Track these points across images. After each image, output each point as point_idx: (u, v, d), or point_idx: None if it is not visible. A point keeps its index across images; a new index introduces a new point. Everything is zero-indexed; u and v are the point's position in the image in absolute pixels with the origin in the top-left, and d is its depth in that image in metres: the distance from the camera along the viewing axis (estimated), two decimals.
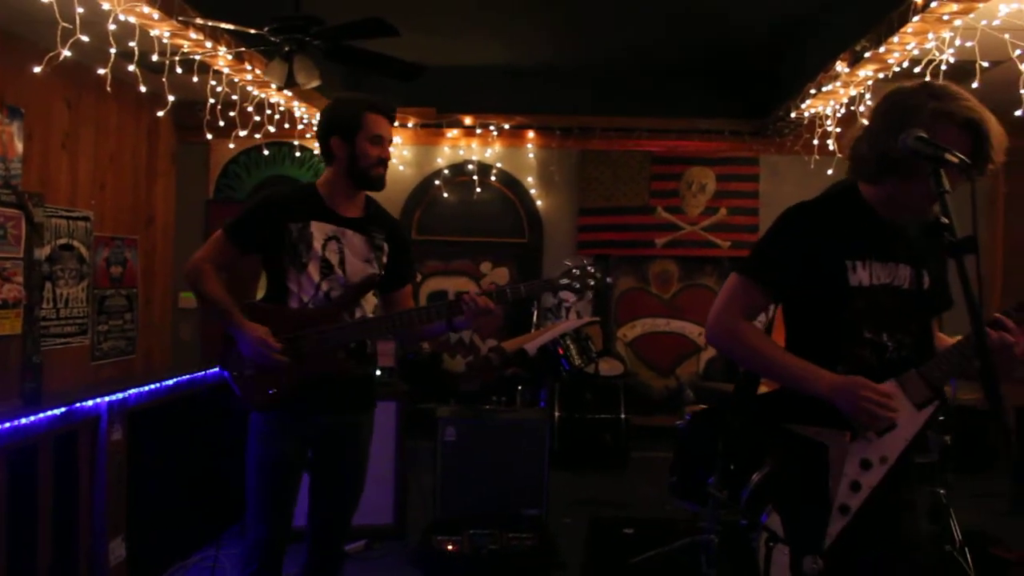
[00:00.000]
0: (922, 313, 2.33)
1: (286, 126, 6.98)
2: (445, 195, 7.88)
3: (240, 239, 2.99)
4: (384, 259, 3.09)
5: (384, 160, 3.02)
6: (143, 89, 4.99)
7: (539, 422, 5.04)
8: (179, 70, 5.14)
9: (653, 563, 4.61)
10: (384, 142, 3.02)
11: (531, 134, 7.71)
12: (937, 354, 2.27)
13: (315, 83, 4.85)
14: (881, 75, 5.36)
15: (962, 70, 4.84)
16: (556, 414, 6.82)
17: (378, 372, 5.01)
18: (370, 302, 3.11)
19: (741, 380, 2.51)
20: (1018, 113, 4.75)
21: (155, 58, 4.88)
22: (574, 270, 3.05)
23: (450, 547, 4.51)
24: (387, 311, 3.20)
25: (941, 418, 4.56)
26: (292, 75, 4.75)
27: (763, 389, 3.02)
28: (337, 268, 2.98)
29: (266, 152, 7.62)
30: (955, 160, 1.95)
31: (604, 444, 6.78)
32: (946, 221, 1.90)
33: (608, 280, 7.51)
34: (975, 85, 4.93)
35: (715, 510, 4.53)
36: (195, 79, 5.49)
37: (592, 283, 3.07)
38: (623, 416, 6.80)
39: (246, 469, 3.01)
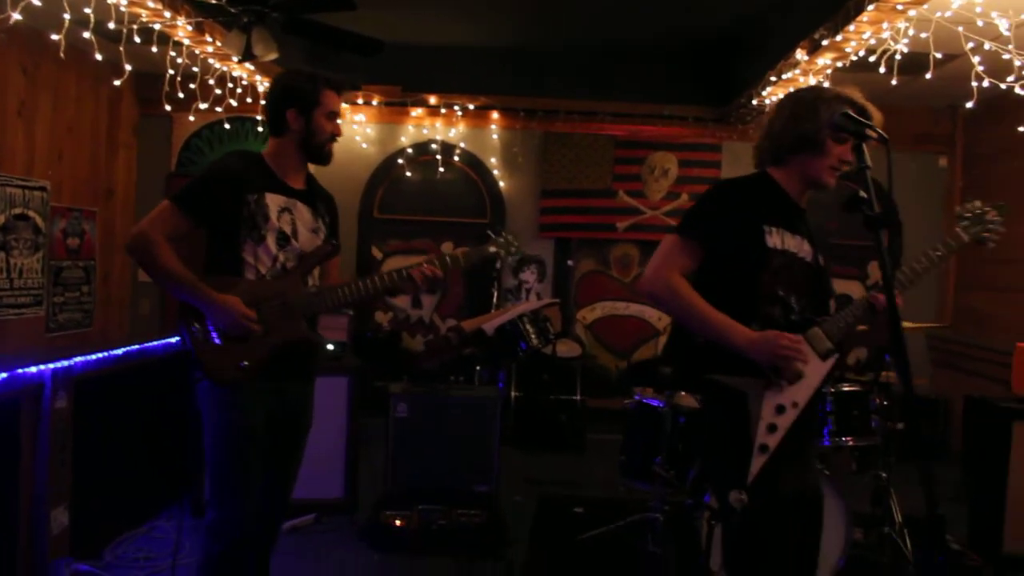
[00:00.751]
0: (820, 286, 2.66)
1: (248, 100, 6.93)
2: (408, 174, 7.86)
3: (195, 210, 2.90)
4: (325, 230, 3.12)
5: (336, 136, 3.05)
6: (99, 57, 4.95)
7: (490, 400, 5.06)
8: (137, 40, 5.08)
9: (600, 541, 4.66)
10: (336, 118, 3.05)
11: (495, 115, 7.71)
12: (835, 314, 2.62)
13: (273, 55, 4.83)
14: (839, 64, 5.41)
15: (916, 62, 4.91)
16: (513, 394, 6.85)
17: (330, 346, 5.06)
18: (314, 273, 3.11)
19: (673, 333, 2.71)
20: (969, 105, 4.81)
21: (112, 26, 4.83)
22: (500, 239, 3.29)
23: (399, 522, 4.54)
24: (321, 282, 3.21)
25: (886, 403, 4.64)
26: (250, 47, 4.72)
27: None
28: (292, 239, 2.98)
29: (227, 126, 7.57)
30: (874, 135, 2.14)
31: (560, 425, 6.82)
32: (864, 195, 2.03)
33: (569, 263, 7.60)
34: (928, 76, 5.01)
35: (662, 490, 4.59)
36: (155, 49, 5.43)
37: (514, 250, 3.31)
38: (579, 398, 6.84)
39: (207, 443, 2.95)
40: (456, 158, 7.85)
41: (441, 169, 7.82)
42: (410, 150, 7.85)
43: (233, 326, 2.82)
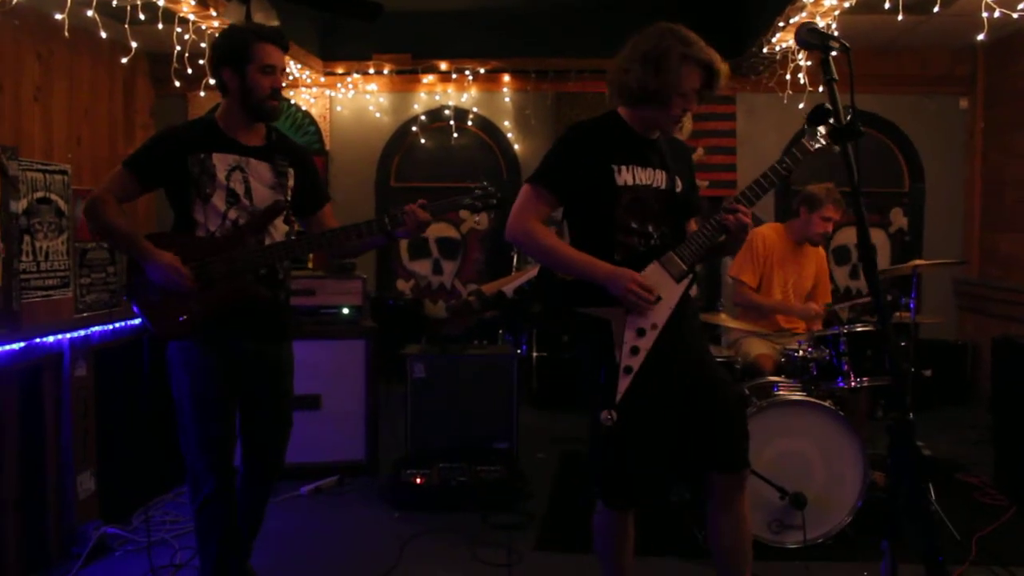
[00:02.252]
0: (677, 211, 2.89)
1: None
2: (423, 141, 7.88)
3: (143, 173, 3.01)
4: (290, 184, 3.13)
5: (277, 90, 3.01)
6: (104, 35, 4.99)
7: (506, 357, 5.10)
8: (142, 17, 5.14)
9: None
10: (276, 71, 3.01)
11: (506, 78, 7.69)
12: (687, 237, 2.82)
13: (273, 23, 4.85)
14: (847, 4, 5.32)
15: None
16: (534, 355, 6.88)
17: (345, 310, 5.11)
18: (280, 229, 3.14)
19: (540, 273, 2.93)
20: (981, 38, 4.73)
21: (115, 3, 4.88)
22: (477, 190, 3.27)
23: (419, 480, 4.59)
24: (309, 233, 3.28)
25: (903, 344, 4.61)
26: (250, 16, 4.75)
27: None
28: (243, 197, 3.01)
29: None
30: (837, 46, 2.09)
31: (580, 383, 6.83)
32: (830, 107, 2.04)
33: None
34: (936, 10, 4.93)
35: None
36: (160, 27, 5.48)
37: (493, 201, 3.28)
38: None
39: (176, 402, 3.08)
40: (470, 123, 7.85)
41: (455, 135, 7.82)
42: (423, 117, 7.86)
43: (166, 281, 2.89)
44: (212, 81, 3.08)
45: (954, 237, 7.61)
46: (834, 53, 2.03)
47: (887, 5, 4.71)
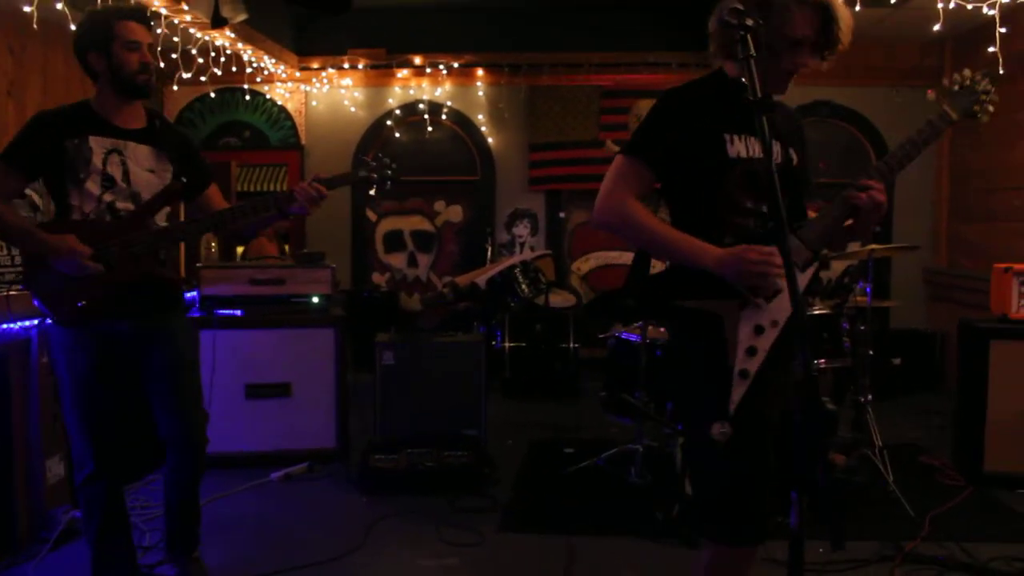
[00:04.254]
0: (793, 188, 2.40)
1: (234, 70, 7.02)
2: (397, 135, 7.95)
3: (21, 164, 2.97)
4: (172, 168, 3.13)
5: (146, 65, 2.98)
6: (73, 28, 5.01)
7: (474, 345, 5.17)
8: None
9: (584, 475, 4.77)
10: (142, 47, 2.97)
11: (480, 72, 7.76)
12: (810, 219, 2.40)
13: (242, 17, 4.91)
14: None
15: None
16: (507, 345, 6.94)
17: (315, 299, 5.16)
18: (161, 212, 3.13)
19: (635, 262, 2.56)
20: (937, 28, 4.82)
21: None
22: (372, 163, 3.25)
23: (387, 465, 4.65)
24: (196, 215, 3.26)
25: (862, 327, 4.70)
26: (218, 10, 4.79)
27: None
28: (120, 180, 3.00)
29: (212, 95, 7.67)
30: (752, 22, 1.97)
31: (553, 373, 6.91)
32: (745, 81, 1.96)
33: (561, 215, 7.64)
34: (892, 2, 5.01)
35: (641, 422, 4.69)
36: None
37: (389, 172, 3.25)
38: (573, 346, 6.92)
39: (58, 383, 3.10)
40: (444, 117, 7.91)
41: (430, 129, 7.89)
42: (398, 111, 7.92)
43: (70, 264, 2.88)
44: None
45: (923, 227, 7.72)
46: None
47: None
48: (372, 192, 3.31)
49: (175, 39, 6.08)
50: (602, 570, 3.69)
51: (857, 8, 4.81)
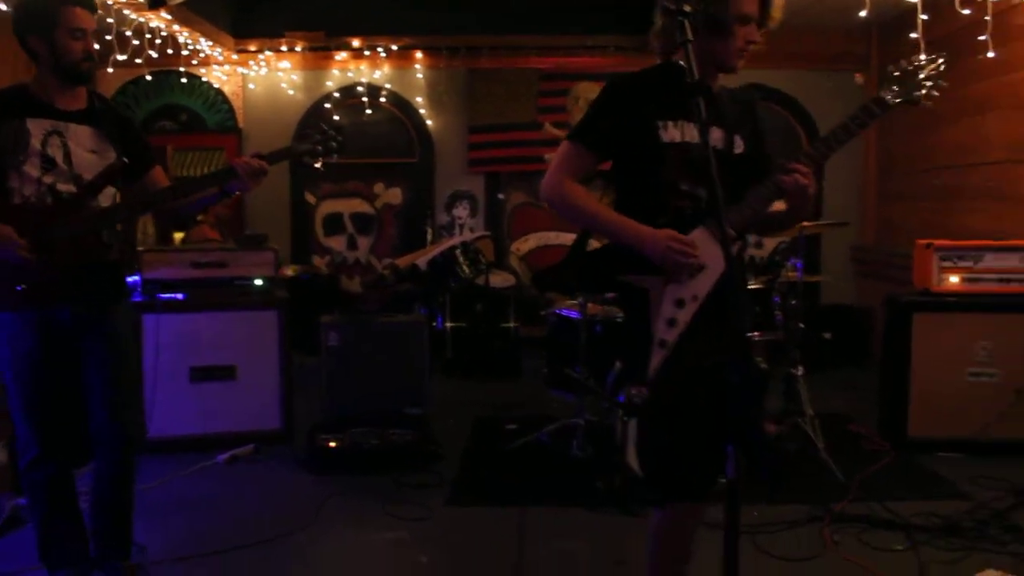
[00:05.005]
0: (735, 174, 2.51)
1: (169, 52, 6.94)
2: (336, 118, 7.92)
3: None
4: (115, 149, 3.09)
5: (89, 53, 2.94)
6: (4, 8, 4.94)
7: (417, 324, 5.24)
8: None
9: (527, 450, 4.88)
10: (87, 35, 2.93)
11: (419, 54, 7.78)
12: (740, 201, 2.48)
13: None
14: None
15: None
16: (448, 325, 7.02)
17: (258, 281, 5.17)
18: (107, 193, 3.10)
19: (577, 239, 2.72)
20: (863, 14, 4.98)
21: None
22: (317, 135, 3.25)
23: (332, 444, 4.70)
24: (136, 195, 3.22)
25: (793, 302, 4.87)
26: None
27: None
28: (61, 162, 2.96)
29: (148, 78, 7.57)
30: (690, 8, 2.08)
31: (494, 352, 7.00)
32: (683, 64, 2.06)
33: (500, 196, 7.68)
34: None
35: (582, 396, 4.81)
36: None
37: (335, 145, 3.25)
38: (513, 325, 7.02)
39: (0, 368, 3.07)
40: (383, 99, 7.91)
41: (368, 111, 7.89)
42: (337, 94, 7.91)
43: (5, 253, 2.85)
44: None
45: (851, 206, 7.97)
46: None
47: None
48: (318, 165, 3.29)
49: (109, 20, 6.00)
50: (548, 539, 3.81)
51: None
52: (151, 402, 4.71)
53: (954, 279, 4.91)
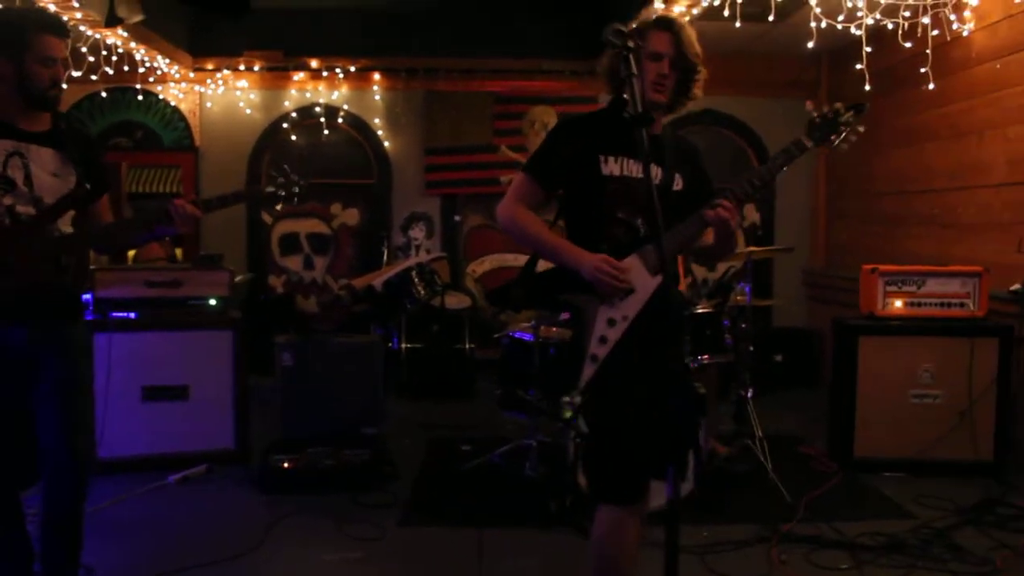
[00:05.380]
0: (671, 208, 2.67)
1: (126, 69, 6.91)
2: (293, 138, 7.94)
3: None
4: (76, 172, 3.05)
5: (57, 81, 2.91)
6: None
7: (372, 345, 5.27)
8: None
9: (481, 471, 4.90)
10: (57, 64, 2.90)
11: (377, 76, 7.82)
12: (669, 231, 2.67)
13: (138, 18, 4.88)
14: (695, 11, 5.68)
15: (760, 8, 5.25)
16: (404, 346, 7.04)
17: (212, 301, 5.16)
18: (66, 217, 3.05)
19: (528, 261, 2.91)
20: (810, 45, 5.12)
21: None
22: (279, 179, 3.26)
23: (287, 464, 4.69)
24: (86, 223, 3.15)
25: (743, 325, 4.97)
26: (113, 8, 4.76)
27: None
28: (22, 184, 2.92)
29: (104, 94, 7.53)
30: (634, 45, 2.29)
31: (449, 374, 7.03)
32: (627, 97, 2.18)
33: (456, 218, 7.72)
34: (771, 19, 5.34)
35: (535, 417, 4.86)
36: None
37: (296, 190, 3.27)
38: (468, 347, 7.06)
39: None
40: (340, 120, 7.94)
41: (326, 132, 7.90)
42: (294, 114, 7.92)
43: None
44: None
45: (803, 230, 8.15)
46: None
47: (726, 13, 5.05)
48: (279, 207, 3.29)
49: None
50: (501, 559, 3.83)
51: (737, 24, 5.08)
52: (103, 422, 4.66)
53: (898, 303, 5.05)
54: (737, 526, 4.10)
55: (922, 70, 5.29)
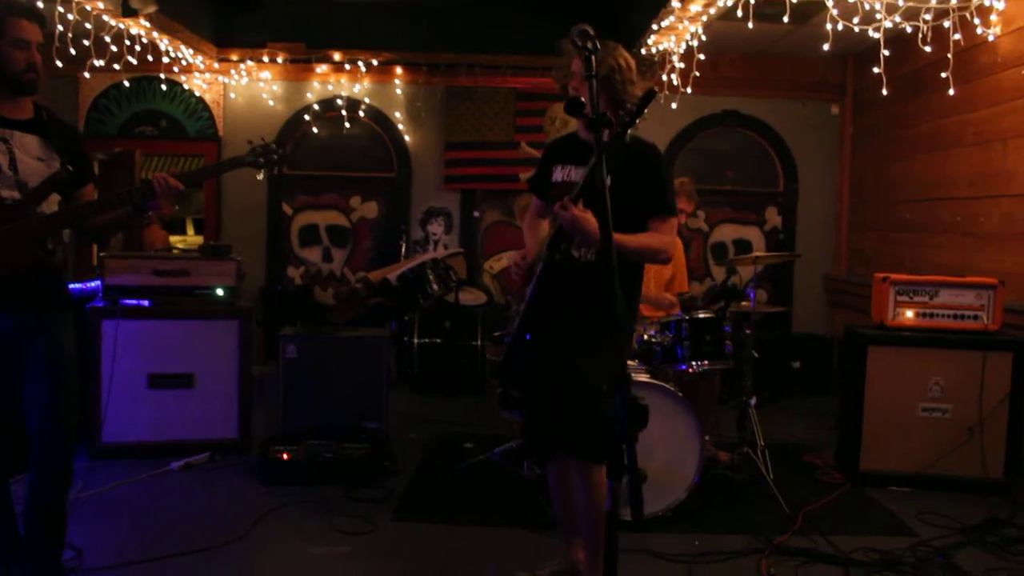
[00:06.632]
0: (596, 208, 2.89)
1: (150, 58, 6.98)
2: (315, 130, 7.97)
3: None
4: (60, 158, 3.11)
5: (33, 65, 3.00)
6: None
7: (377, 339, 5.27)
8: None
9: (479, 469, 4.89)
10: (31, 46, 2.99)
11: (399, 70, 7.81)
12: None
13: (151, 8, 4.93)
14: (712, 10, 5.60)
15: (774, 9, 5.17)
16: (416, 341, 7.04)
17: (219, 291, 5.19)
18: (51, 200, 3.12)
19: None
20: (826, 47, 5.04)
21: None
22: (257, 147, 3.30)
23: (286, 456, 4.72)
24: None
25: (748, 331, 4.90)
26: (127, 1, 4.80)
27: None
28: (7, 169, 2.99)
29: (127, 84, 7.60)
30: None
31: (460, 370, 7.02)
32: (583, 100, 2.26)
33: (475, 214, 7.71)
34: (785, 19, 5.26)
35: None
36: (40, 4, 5.45)
37: (275, 157, 3.29)
38: (480, 343, 7.04)
39: None
40: (362, 113, 7.94)
41: (347, 125, 7.91)
42: (316, 106, 7.94)
43: None
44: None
45: (825, 236, 8.04)
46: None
47: (739, 14, 4.98)
48: (260, 176, 3.35)
49: (87, 25, 6.03)
50: (488, 559, 3.83)
51: (750, 25, 5.01)
52: (107, 407, 4.73)
53: (909, 313, 4.95)
54: (731, 536, 4.05)
55: (943, 75, 5.17)
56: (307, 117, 7.93)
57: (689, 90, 6.64)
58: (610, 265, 2.05)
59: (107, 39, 6.35)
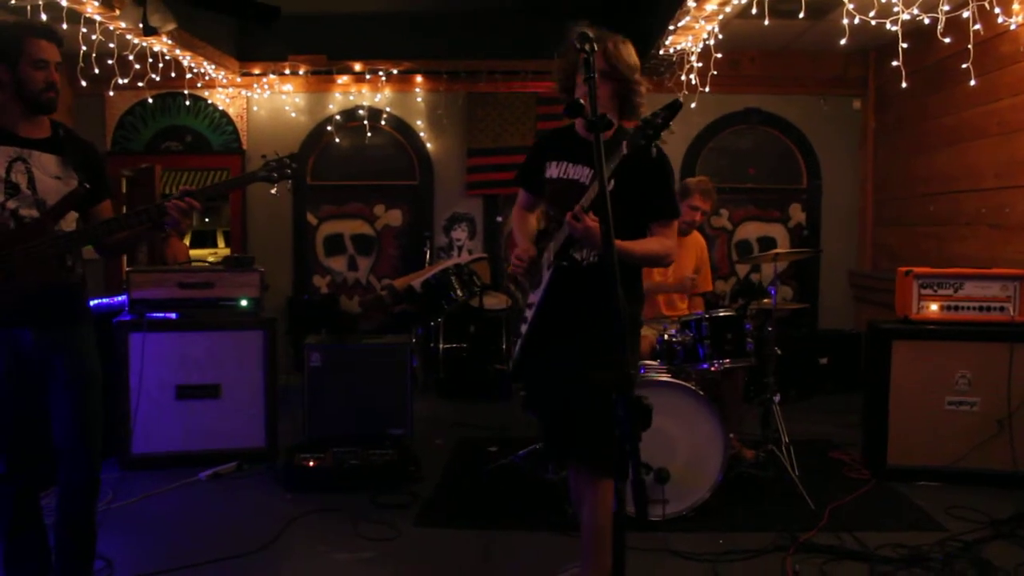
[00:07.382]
0: (597, 209, 2.81)
1: (173, 75, 7.09)
2: (337, 140, 8.04)
3: None
4: (78, 176, 3.14)
5: (52, 84, 3.04)
6: None
7: (400, 346, 5.30)
8: (44, 17, 5.22)
9: (503, 473, 4.91)
10: (50, 66, 3.03)
11: (419, 78, 7.87)
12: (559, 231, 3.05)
13: (171, 26, 5.00)
14: (727, 8, 5.59)
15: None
16: (441, 346, 7.07)
17: (243, 302, 5.25)
18: (69, 218, 3.15)
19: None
20: (843, 42, 5.00)
21: (13, 1, 4.97)
22: (271, 162, 3.27)
23: (312, 463, 4.76)
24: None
25: (770, 328, 4.88)
26: (146, 18, 4.88)
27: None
28: (26, 188, 3.02)
29: (150, 100, 7.72)
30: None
31: (486, 375, 7.04)
32: (583, 102, 2.25)
33: (498, 219, 7.74)
34: (801, 15, 5.23)
35: None
36: (65, 26, 5.57)
37: (288, 171, 3.27)
38: (506, 347, 7.06)
39: None
40: (383, 122, 8.01)
41: (369, 134, 7.98)
42: (338, 117, 8.01)
43: None
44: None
45: (850, 231, 7.98)
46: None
47: (754, 11, 4.97)
48: (273, 191, 3.39)
49: (111, 45, 6.14)
50: (512, 562, 3.84)
51: (766, 22, 5.00)
52: (136, 419, 4.80)
53: (934, 307, 4.90)
54: (756, 534, 4.02)
55: (963, 66, 5.12)
56: (330, 128, 8.00)
57: (708, 89, 6.62)
58: (612, 270, 2.05)
59: (130, 57, 6.47)
